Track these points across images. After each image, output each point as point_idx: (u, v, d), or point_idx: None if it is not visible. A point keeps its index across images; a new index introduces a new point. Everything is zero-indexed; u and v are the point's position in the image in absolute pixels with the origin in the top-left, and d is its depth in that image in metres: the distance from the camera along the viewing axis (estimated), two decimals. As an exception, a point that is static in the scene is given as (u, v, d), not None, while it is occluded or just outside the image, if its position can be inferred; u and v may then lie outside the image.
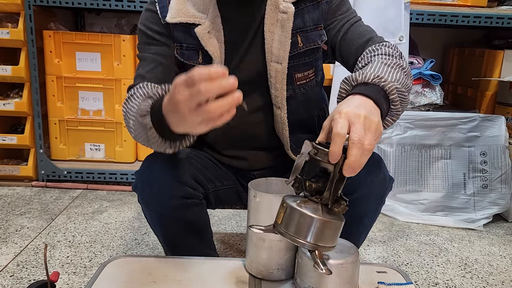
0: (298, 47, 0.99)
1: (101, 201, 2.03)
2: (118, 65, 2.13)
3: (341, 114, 0.67)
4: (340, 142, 0.64)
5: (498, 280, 1.47)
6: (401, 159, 2.00)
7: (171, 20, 0.96)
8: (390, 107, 0.78)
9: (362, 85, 0.77)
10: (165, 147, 0.81)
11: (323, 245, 0.68)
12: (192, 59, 0.99)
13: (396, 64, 0.85)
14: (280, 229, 0.69)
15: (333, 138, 0.65)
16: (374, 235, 1.79)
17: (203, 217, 1.05)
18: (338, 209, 0.69)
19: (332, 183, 0.67)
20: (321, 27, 1.00)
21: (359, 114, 0.67)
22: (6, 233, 1.65)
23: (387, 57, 0.88)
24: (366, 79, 0.77)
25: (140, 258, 0.93)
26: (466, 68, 2.43)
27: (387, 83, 0.76)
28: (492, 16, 2.03)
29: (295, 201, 0.69)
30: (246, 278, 0.86)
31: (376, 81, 0.76)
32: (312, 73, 1.04)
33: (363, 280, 0.84)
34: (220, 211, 1.98)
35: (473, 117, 1.98)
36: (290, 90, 1.01)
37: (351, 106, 0.69)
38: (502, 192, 1.96)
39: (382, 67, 0.83)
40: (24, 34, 2.04)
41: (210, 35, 0.96)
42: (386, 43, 0.95)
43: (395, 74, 0.82)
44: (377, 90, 0.75)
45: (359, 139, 0.64)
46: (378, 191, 0.94)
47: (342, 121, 0.66)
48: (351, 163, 0.64)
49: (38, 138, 2.17)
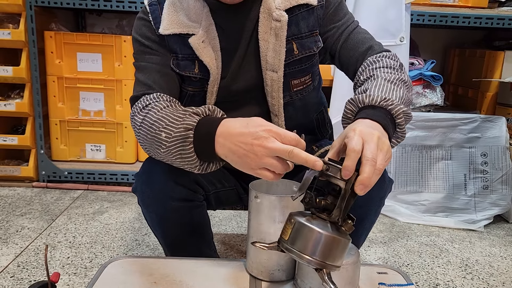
0: (293, 54, 0.97)
1: (102, 201, 2.03)
2: (119, 65, 2.14)
3: (356, 131, 0.68)
4: (355, 158, 0.65)
5: (499, 281, 1.47)
6: (401, 160, 2.00)
7: (164, 32, 0.95)
8: (396, 129, 0.79)
9: (369, 108, 0.77)
10: (195, 167, 0.79)
11: (331, 264, 0.66)
12: (188, 69, 0.97)
13: (399, 79, 0.86)
14: (286, 245, 0.68)
15: (348, 153, 0.65)
16: (375, 236, 1.79)
17: (204, 218, 1.05)
18: (345, 228, 0.68)
19: (343, 200, 0.66)
20: (317, 33, 0.99)
21: (373, 134, 0.68)
22: (6, 233, 1.66)
23: (388, 70, 0.88)
24: (374, 102, 0.77)
25: (140, 259, 0.93)
26: (467, 69, 2.43)
27: (394, 106, 0.77)
28: (493, 17, 2.03)
29: (304, 217, 0.68)
30: (247, 279, 0.86)
31: (383, 104, 0.77)
32: (309, 79, 1.03)
33: (363, 281, 0.84)
34: (221, 212, 1.98)
35: (473, 118, 1.98)
36: (287, 97, 1.01)
37: (364, 126, 0.70)
38: (503, 193, 1.96)
39: (386, 85, 0.83)
40: (25, 35, 2.05)
41: (205, 44, 0.95)
42: (386, 53, 0.94)
43: (399, 92, 0.82)
44: (385, 114, 0.76)
45: (373, 158, 0.65)
46: (377, 193, 0.94)
47: (357, 138, 0.67)
48: (364, 180, 0.64)
49: (39, 138, 2.17)
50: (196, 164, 0.78)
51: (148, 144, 0.83)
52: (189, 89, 1.00)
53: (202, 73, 0.97)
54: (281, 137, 0.68)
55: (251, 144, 0.69)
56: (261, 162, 0.69)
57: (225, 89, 1.00)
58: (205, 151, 0.76)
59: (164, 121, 0.80)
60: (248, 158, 0.70)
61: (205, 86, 0.99)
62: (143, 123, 0.85)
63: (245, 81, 1.00)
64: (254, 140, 0.69)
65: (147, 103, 0.88)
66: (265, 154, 0.68)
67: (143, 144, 0.86)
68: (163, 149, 0.80)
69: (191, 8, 0.95)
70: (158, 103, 0.86)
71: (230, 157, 0.73)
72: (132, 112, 0.91)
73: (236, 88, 1.00)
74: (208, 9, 0.95)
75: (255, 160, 0.69)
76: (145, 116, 0.85)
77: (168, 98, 0.90)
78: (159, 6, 0.97)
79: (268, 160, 0.68)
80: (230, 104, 1.02)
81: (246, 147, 0.70)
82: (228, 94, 1.00)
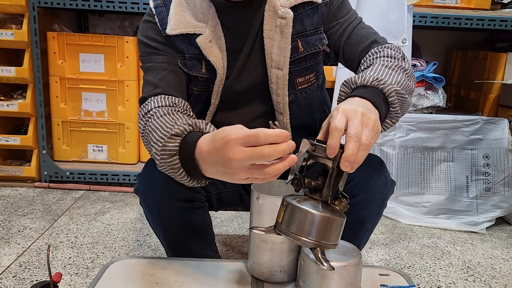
0: (299, 52, 0.98)
1: (104, 202, 2.04)
2: (121, 66, 2.14)
3: (339, 109, 0.68)
4: (337, 136, 0.65)
5: (501, 283, 1.47)
6: (403, 162, 2.00)
7: (172, 32, 0.95)
8: (389, 109, 0.78)
9: (361, 87, 0.77)
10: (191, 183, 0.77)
11: (326, 243, 0.67)
12: (195, 69, 0.98)
13: (398, 66, 0.85)
14: (281, 228, 0.69)
15: (331, 132, 0.65)
16: (377, 237, 1.78)
17: (205, 219, 1.05)
18: (339, 207, 0.69)
19: (331, 179, 0.67)
20: (321, 31, 1.00)
21: (357, 110, 0.67)
22: (9, 233, 1.66)
23: (389, 59, 0.88)
24: (365, 82, 0.77)
25: (142, 260, 0.93)
26: (469, 70, 2.43)
27: (386, 85, 0.77)
28: (495, 19, 2.03)
29: (295, 199, 0.69)
30: (248, 280, 0.86)
31: (375, 83, 0.77)
32: (314, 77, 1.04)
33: (365, 282, 0.84)
34: (223, 213, 1.98)
35: (476, 120, 1.98)
36: (291, 95, 1.01)
37: (348, 104, 0.70)
38: (505, 195, 1.95)
39: (383, 70, 0.83)
40: (28, 36, 2.05)
41: (212, 44, 0.95)
42: (389, 44, 0.94)
43: (396, 76, 0.82)
44: (376, 93, 0.76)
45: (356, 133, 0.65)
46: (380, 194, 0.94)
47: (340, 116, 0.66)
48: (348, 157, 0.63)
49: (41, 139, 2.18)
50: (191, 182, 0.76)
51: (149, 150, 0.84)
52: (195, 89, 1.00)
53: (209, 73, 0.98)
54: (245, 141, 0.62)
55: (221, 161, 0.64)
56: (240, 175, 0.64)
57: (229, 88, 1.00)
58: (196, 175, 0.74)
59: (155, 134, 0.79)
60: (228, 176, 0.66)
61: (210, 86, 0.99)
62: (144, 130, 0.86)
63: (249, 80, 1.00)
64: (223, 157, 0.64)
65: (149, 109, 0.88)
66: (237, 167, 0.63)
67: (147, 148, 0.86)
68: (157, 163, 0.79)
69: (198, 8, 0.96)
70: (159, 109, 0.86)
71: (217, 176, 0.69)
72: (138, 115, 0.92)
73: (241, 88, 1.01)
74: (214, 9, 0.96)
75: (234, 176, 0.65)
76: (146, 122, 0.86)
77: (170, 102, 0.89)
78: (165, 7, 0.97)
79: (246, 171, 0.63)
80: (234, 103, 1.02)
81: (219, 165, 0.65)
82: (232, 93, 1.01)
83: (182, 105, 0.91)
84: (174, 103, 0.90)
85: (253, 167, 0.63)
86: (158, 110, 0.86)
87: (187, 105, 0.93)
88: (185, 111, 0.91)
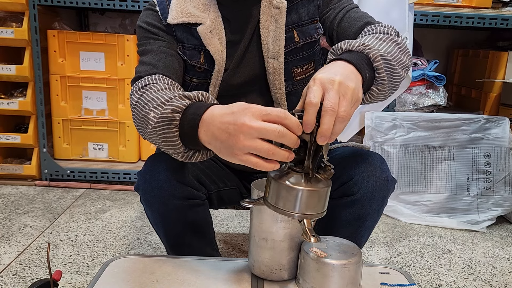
0: (294, 41, 0.99)
1: (104, 200, 2.04)
2: (122, 64, 2.14)
3: (315, 81, 0.66)
4: (312, 111, 0.63)
5: (502, 282, 1.47)
6: (404, 160, 1.99)
7: (173, 21, 0.96)
8: (374, 75, 0.77)
9: (346, 52, 0.76)
10: (179, 153, 0.76)
11: (311, 213, 0.69)
12: (194, 58, 0.99)
13: (390, 39, 0.84)
14: (267, 203, 0.71)
15: (306, 107, 0.64)
16: (377, 236, 1.78)
17: (206, 217, 1.05)
18: (324, 176, 0.70)
19: (309, 152, 0.67)
20: (317, 21, 1.00)
21: (334, 80, 0.65)
22: (9, 232, 1.66)
23: (381, 34, 0.87)
24: (351, 47, 0.76)
25: (142, 258, 0.93)
26: (470, 69, 2.43)
27: (372, 50, 0.75)
28: (497, 17, 2.03)
29: (278, 174, 0.70)
30: (249, 278, 0.86)
31: (360, 48, 0.75)
32: (311, 67, 1.04)
33: (366, 281, 0.84)
34: (223, 211, 1.98)
35: (477, 119, 1.98)
36: (290, 86, 1.02)
37: (326, 73, 0.67)
38: (506, 194, 1.95)
39: (373, 40, 0.82)
40: (29, 34, 2.05)
41: (212, 35, 0.97)
42: (383, 23, 0.93)
43: (385, 46, 0.80)
44: (361, 57, 0.74)
45: (332, 107, 0.63)
46: (380, 192, 0.94)
47: (315, 88, 0.64)
48: (323, 132, 0.63)
49: (42, 137, 2.18)
50: (179, 150, 0.75)
51: (140, 122, 0.82)
52: (192, 80, 1.01)
53: (207, 64, 0.99)
54: (268, 116, 0.63)
55: (234, 124, 0.64)
56: (244, 144, 0.63)
57: (227, 82, 1.01)
58: (188, 136, 0.72)
59: (156, 101, 0.77)
60: (231, 141, 0.64)
61: (208, 77, 1.00)
62: (138, 101, 0.82)
63: (248, 72, 1.01)
64: (237, 119, 0.63)
65: (147, 83, 0.85)
66: (248, 135, 0.62)
67: (135, 122, 0.84)
68: (149, 129, 0.77)
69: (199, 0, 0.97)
70: (157, 84, 0.84)
71: (213, 143, 0.68)
72: (131, 91, 0.88)
73: (239, 80, 1.02)
74: (216, 1, 0.98)
75: (238, 143, 0.63)
76: (141, 95, 0.83)
77: (170, 81, 0.87)
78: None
79: (252, 142, 0.62)
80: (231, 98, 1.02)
81: (229, 128, 0.64)
82: (231, 87, 1.02)
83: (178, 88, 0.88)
84: (171, 83, 0.87)
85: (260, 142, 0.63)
86: (156, 85, 0.83)
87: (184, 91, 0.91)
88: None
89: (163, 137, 0.75)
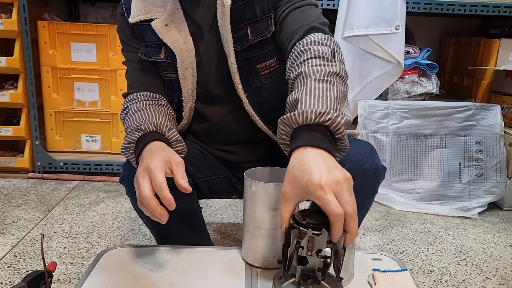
0: (248, 39, 0.95)
1: (98, 192, 2.04)
2: (114, 55, 2.12)
3: (324, 188, 0.60)
4: (341, 224, 0.60)
5: (492, 267, 1.49)
6: (397, 149, 2.01)
7: (132, 20, 0.98)
8: (336, 143, 0.70)
9: (305, 129, 0.68)
10: None
11: None
12: (154, 55, 1.00)
13: (329, 73, 0.76)
14: None
15: (333, 220, 0.60)
16: (370, 223, 1.80)
17: (193, 207, 1.05)
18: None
19: (338, 258, 0.65)
20: (271, 17, 0.95)
21: (339, 181, 0.61)
22: (3, 224, 1.66)
23: (318, 61, 0.79)
24: (309, 121, 0.68)
25: (137, 248, 0.93)
26: (462, 57, 2.43)
27: (332, 121, 0.67)
28: (489, 5, 2.03)
29: None
30: (243, 266, 0.87)
31: (318, 120, 0.67)
32: (275, 62, 1.00)
33: (358, 267, 0.85)
34: (217, 201, 1.99)
35: (468, 106, 1.99)
36: (256, 81, 1.00)
37: (323, 173, 0.62)
38: (497, 180, 1.97)
39: (317, 88, 0.73)
40: (18, 25, 2.03)
41: (169, 28, 0.96)
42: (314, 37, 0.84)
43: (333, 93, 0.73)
44: (323, 134, 0.67)
45: (354, 210, 0.61)
46: (371, 181, 0.94)
47: (331, 198, 0.60)
48: (353, 236, 0.63)
49: (34, 129, 2.16)
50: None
51: None
52: (164, 74, 1.03)
53: (169, 58, 0.99)
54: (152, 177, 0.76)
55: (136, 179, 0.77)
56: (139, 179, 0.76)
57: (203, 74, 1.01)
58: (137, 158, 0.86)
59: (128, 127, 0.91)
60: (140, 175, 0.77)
61: (177, 71, 1.00)
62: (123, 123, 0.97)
63: (215, 68, 1.01)
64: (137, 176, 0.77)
65: (126, 106, 0.98)
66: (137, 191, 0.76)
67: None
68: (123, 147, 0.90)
69: None
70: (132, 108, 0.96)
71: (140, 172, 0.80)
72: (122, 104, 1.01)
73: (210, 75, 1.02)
74: None
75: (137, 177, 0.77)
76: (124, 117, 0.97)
77: (143, 97, 0.99)
78: None
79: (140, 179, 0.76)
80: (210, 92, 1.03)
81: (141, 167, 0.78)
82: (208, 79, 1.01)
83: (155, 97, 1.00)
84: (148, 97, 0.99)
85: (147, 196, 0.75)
86: (131, 106, 0.97)
87: (159, 96, 1.01)
88: (157, 101, 1.00)
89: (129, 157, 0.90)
